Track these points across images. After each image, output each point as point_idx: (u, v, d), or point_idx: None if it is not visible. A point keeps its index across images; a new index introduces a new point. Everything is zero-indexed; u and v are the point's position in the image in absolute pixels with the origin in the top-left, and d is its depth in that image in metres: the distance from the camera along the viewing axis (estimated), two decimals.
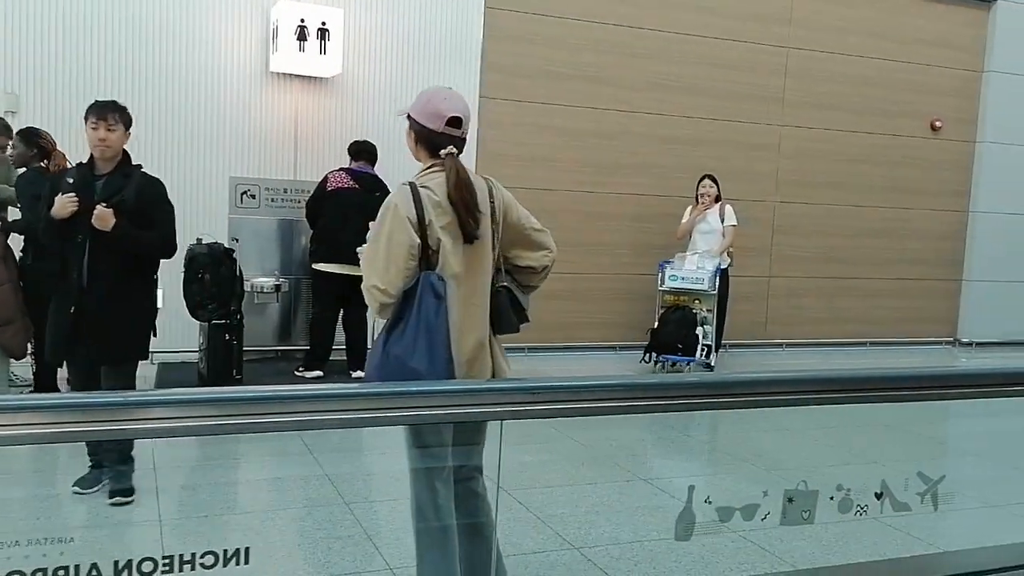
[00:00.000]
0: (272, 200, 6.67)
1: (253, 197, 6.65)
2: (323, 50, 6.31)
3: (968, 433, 5.42)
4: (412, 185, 2.64)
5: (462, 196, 2.65)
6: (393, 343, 2.54)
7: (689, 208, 7.58)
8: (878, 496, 2.47)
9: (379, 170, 6.45)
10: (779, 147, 8.55)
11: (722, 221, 7.38)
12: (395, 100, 6.99)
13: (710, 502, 2.28)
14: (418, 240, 2.55)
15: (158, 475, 4.05)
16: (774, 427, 5.28)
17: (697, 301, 7.35)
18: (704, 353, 7.30)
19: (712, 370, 7.31)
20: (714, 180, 7.49)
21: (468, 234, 2.63)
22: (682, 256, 7.49)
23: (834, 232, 8.85)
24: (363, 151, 6.46)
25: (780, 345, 8.73)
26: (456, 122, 2.70)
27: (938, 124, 9.10)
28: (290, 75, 6.68)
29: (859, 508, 2.45)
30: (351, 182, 6.35)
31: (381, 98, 7.01)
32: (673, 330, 7.11)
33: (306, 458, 4.42)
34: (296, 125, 6.87)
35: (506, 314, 2.79)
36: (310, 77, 6.65)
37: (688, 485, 2.27)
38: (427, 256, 2.57)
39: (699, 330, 7.22)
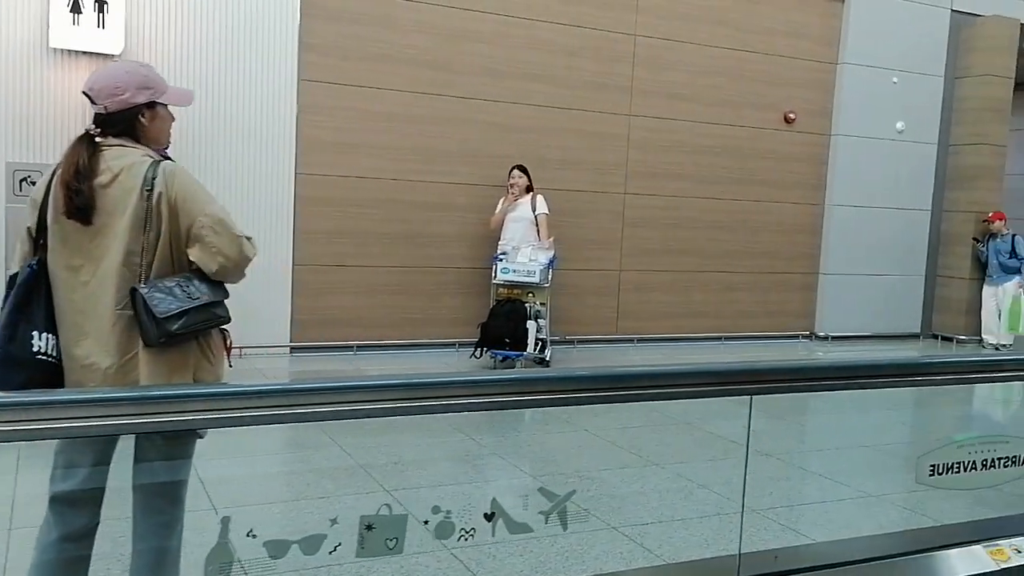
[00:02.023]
0: None
1: (34, 184, 6.08)
2: (101, 23, 5.80)
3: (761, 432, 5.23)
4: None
5: (64, 175, 2.27)
6: None
7: (502, 199, 7.32)
8: (488, 517, 2.15)
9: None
10: (628, 137, 8.31)
11: (533, 211, 7.16)
12: (193, 80, 6.50)
13: (255, 535, 1.91)
14: (32, 223, 2.38)
15: None
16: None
17: (530, 294, 7.07)
18: (538, 347, 7.02)
19: (547, 365, 7.04)
20: (524, 170, 7.31)
21: (70, 215, 2.30)
22: (515, 249, 7.20)
23: (686, 225, 8.66)
24: None
25: (631, 340, 8.52)
26: (90, 97, 2.43)
27: (791, 116, 8.99)
28: (73, 51, 6.14)
29: (464, 532, 2.12)
30: None
31: (179, 77, 6.49)
32: (502, 324, 6.80)
33: None
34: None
35: (142, 322, 2.34)
36: (95, 54, 6.11)
37: (222, 517, 1.90)
38: (38, 240, 2.37)
39: (531, 324, 6.93)
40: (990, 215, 9.44)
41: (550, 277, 7.11)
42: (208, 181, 6.70)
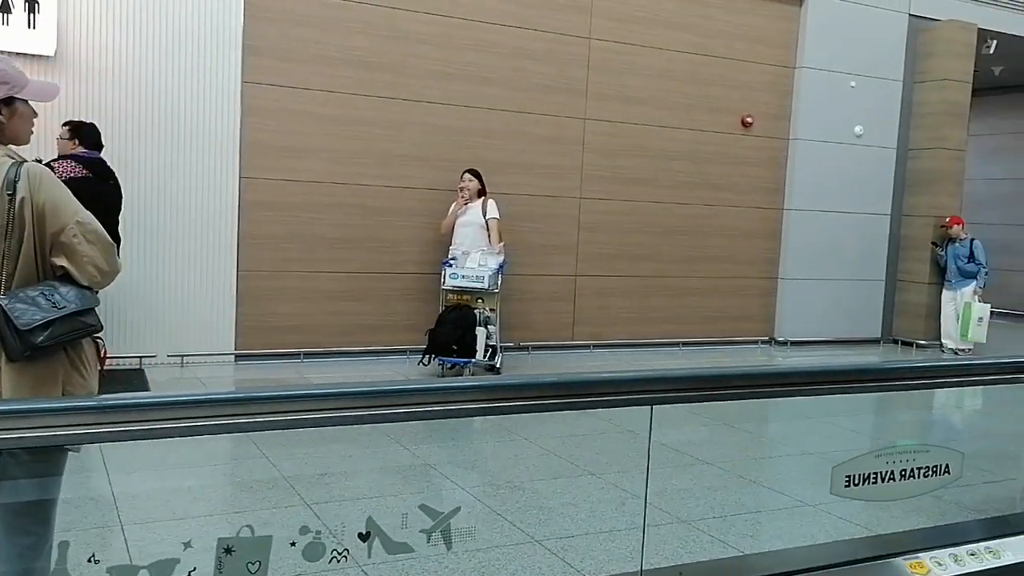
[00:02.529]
0: None
1: None
2: (32, 24, 5.63)
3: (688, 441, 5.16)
4: None
5: None
6: None
7: (454, 203, 7.21)
8: (363, 537, 2.03)
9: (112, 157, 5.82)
10: (583, 141, 8.23)
11: (484, 215, 7.06)
12: (131, 82, 6.35)
13: (97, 560, 1.78)
14: None
15: None
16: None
17: (480, 300, 6.96)
18: (488, 354, 6.91)
19: (498, 372, 6.93)
20: (475, 174, 7.21)
21: None
22: (465, 254, 7.09)
23: (643, 229, 8.59)
24: (91, 134, 5.83)
25: (588, 347, 8.42)
26: None
27: (749, 120, 8.95)
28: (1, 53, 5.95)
29: (336, 554, 1.99)
30: (83, 170, 5.71)
31: (116, 79, 6.34)
32: (449, 330, 6.68)
33: None
34: None
35: (3, 335, 2.19)
36: (25, 55, 5.93)
37: (60, 541, 1.77)
38: None
39: (480, 330, 6.82)
40: (948, 220, 9.44)
41: (499, 283, 7.00)
42: (148, 185, 6.60)
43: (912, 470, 2.74)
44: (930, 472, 2.77)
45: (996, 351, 9.03)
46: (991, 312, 9.34)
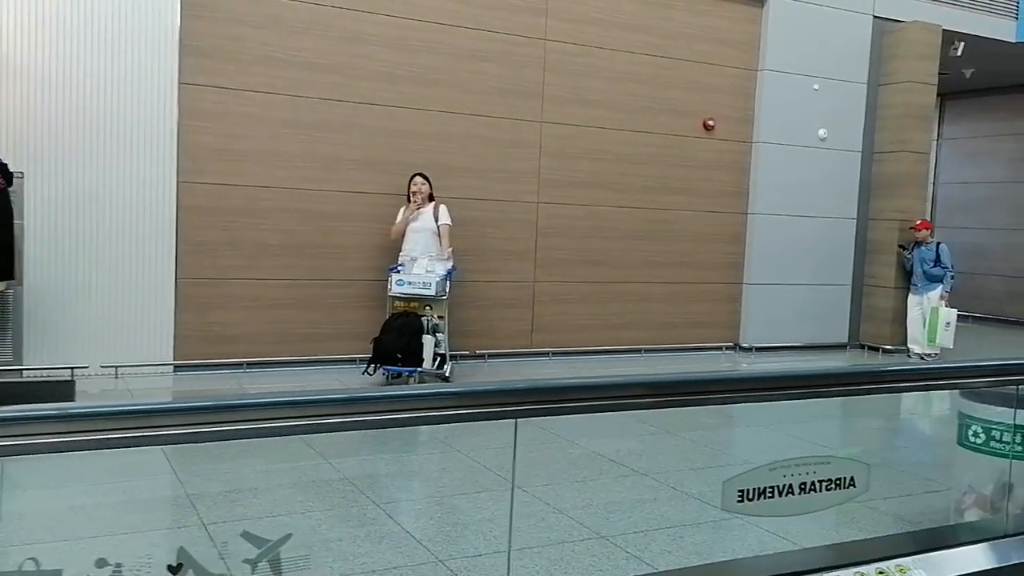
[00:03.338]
0: None
1: None
2: None
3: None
4: None
5: None
6: None
7: (403, 208, 7.04)
8: (173, 570, 1.84)
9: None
10: (540, 145, 8.07)
11: (436, 221, 6.90)
12: (60, 82, 6.16)
13: None
14: None
15: None
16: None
17: (428, 307, 6.78)
18: (437, 363, 6.73)
19: (447, 380, 6.75)
20: (426, 178, 7.04)
21: None
22: (413, 259, 6.92)
23: (603, 234, 8.43)
24: None
25: (547, 354, 8.25)
26: None
27: (711, 123, 8.81)
28: None
29: None
30: None
31: (45, 79, 6.15)
32: (394, 338, 6.50)
33: None
34: None
35: None
36: None
37: None
38: None
39: (427, 338, 6.64)
40: (916, 223, 9.31)
41: (447, 289, 6.83)
42: (80, 190, 6.40)
43: (813, 483, 2.57)
44: (833, 485, 2.60)
45: (963, 356, 8.89)
46: (958, 316, 9.21)
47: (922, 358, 9.13)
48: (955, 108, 13.89)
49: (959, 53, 10.06)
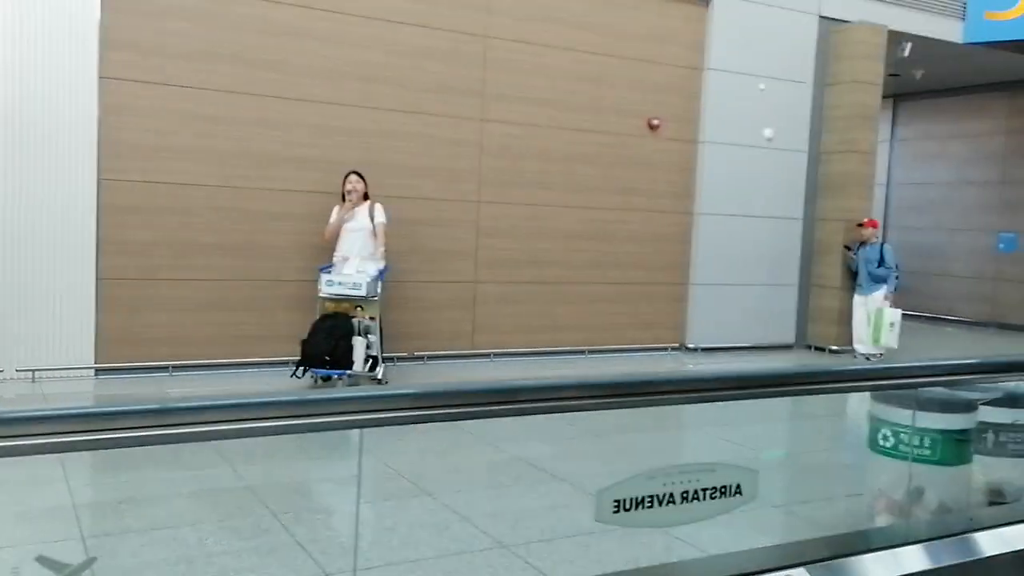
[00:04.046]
0: None
1: None
2: None
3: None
4: None
5: None
6: None
7: (337, 207, 6.89)
8: None
9: None
10: (481, 143, 7.95)
11: (372, 220, 6.76)
12: None
13: None
14: None
15: None
16: None
17: (359, 308, 6.63)
18: (369, 365, 6.59)
19: (381, 383, 6.60)
20: (361, 176, 6.90)
21: None
22: (344, 259, 6.77)
23: (547, 234, 8.33)
24: None
25: (489, 355, 8.13)
26: None
27: (656, 123, 8.75)
28: None
29: None
30: None
31: None
32: (321, 341, 6.35)
33: None
34: None
35: None
36: None
37: None
38: None
39: (358, 340, 6.50)
40: (864, 221, 9.31)
41: (379, 289, 6.69)
42: None
43: (696, 492, 2.47)
44: (718, 493, 2.50)
45: (909, 357, 8.90)
46: (910, 316, 9.23)
47: (867, 359, 9.13)
48: (908, 109, 13.99)
49: (907, 54, 10.10)
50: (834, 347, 9.49)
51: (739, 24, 9.02)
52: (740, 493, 2.52)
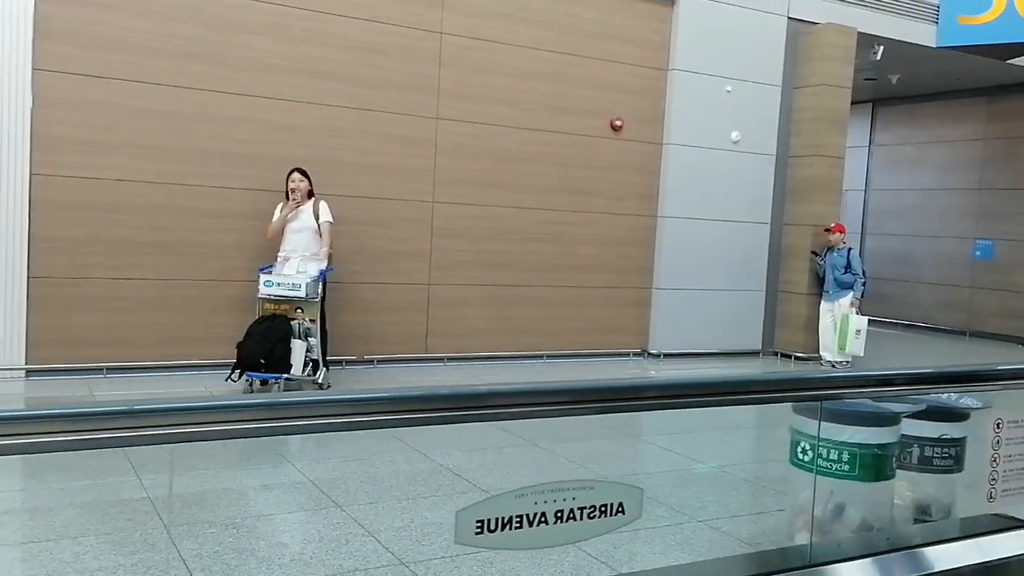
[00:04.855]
0: None
1: None
2: None
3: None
4: None
5: None
6: None
7: (280, 205, 6.70)
8: None
9: None
10: (436, 142, 7.77)
11: (317, 219, 6.57)
12: None
13: None
14: None
15: None
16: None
17: (299, 310, 6.44)
18: (309, 369, 6.40)
19: (322, 387, 6.41)
20: (304, 173, 6.69)
21: None
22: (284, 259, 6.58)
23: (504, 236, 8.15)
24: None
25: (442, 360, 7.94)
26: None
27: (618, 124, 8.58)
28: None
29: None
30: None
31: None
32: (257, 343, 6.15)
33: None
34: None
35: None
36: None
37: None
38: None
39: (298, 343, 6.30)
40: (832, 226, 9.16)
41: (320, 291, 6.49)
42: None
43: (572, 511, 2.29)
44: (597, 512, 2.32)
45: (874, 364, 8.74)
46: (883, 323, 9.06)
47: (833, 366, 8.97)
48: (886, 115, 13.86)
49: (879, 57, 9.95)
50: (800, 354, 9.32)
51: (705, 24, 8.86)
52: (623, 512, 2.34)
